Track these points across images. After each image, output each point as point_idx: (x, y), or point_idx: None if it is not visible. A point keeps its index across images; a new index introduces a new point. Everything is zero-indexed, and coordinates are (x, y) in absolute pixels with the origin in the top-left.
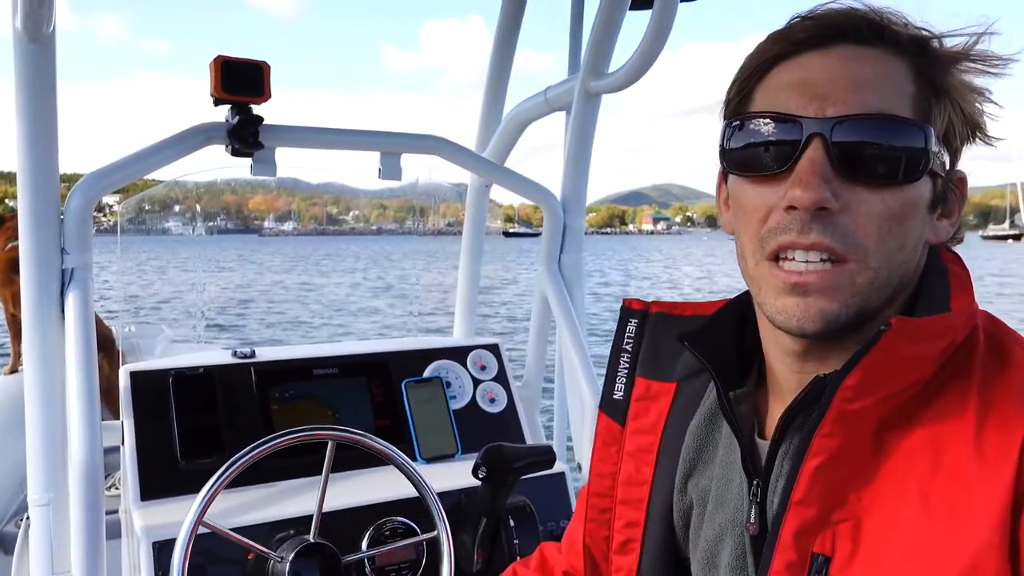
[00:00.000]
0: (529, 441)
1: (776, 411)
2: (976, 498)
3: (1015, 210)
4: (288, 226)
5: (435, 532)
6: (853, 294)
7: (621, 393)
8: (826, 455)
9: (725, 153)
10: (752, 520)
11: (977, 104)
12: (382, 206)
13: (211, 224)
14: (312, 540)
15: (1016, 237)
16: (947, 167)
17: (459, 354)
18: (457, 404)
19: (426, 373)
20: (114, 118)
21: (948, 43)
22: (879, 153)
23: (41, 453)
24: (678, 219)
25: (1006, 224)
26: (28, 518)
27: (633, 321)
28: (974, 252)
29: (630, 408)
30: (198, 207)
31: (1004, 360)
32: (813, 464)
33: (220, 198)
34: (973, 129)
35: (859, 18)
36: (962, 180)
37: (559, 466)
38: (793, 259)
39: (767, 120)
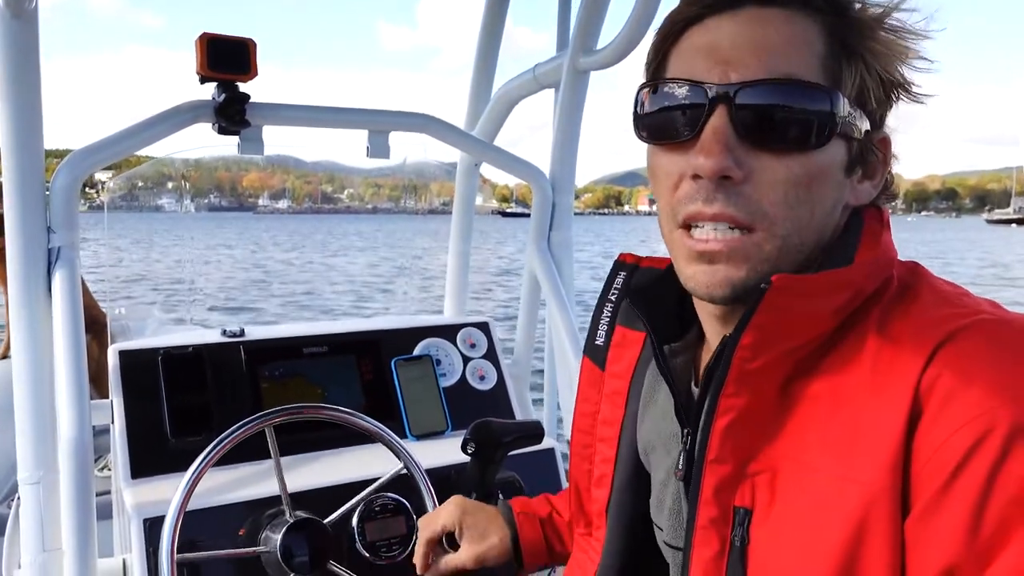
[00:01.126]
0: (519, 418)
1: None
2: (869, 441)
3: (1020, 193)
4: (283, 204)
5: (401, 466)
6: (761, 261)
7: (602, 339)
8: (734, 413)
9: (637, 120)
10: (680, 467)
11: (897, 65)
12: (377, 185)
13: (204, 201)
14: (290, 518)
15: (1020, 221)
16: (865, 129)
17: (449, 332)
18: (447, 382)
19: (416, 351)
20: (105, 91)
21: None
22: (783, 118)
23: (31, 431)
24: None
25: (1010, 208)
26: (19, 498)
27: (622, 274)
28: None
29: (608, 353)
30: (186, 184)
31: (907, 303)
32: (722, 424)
33: (213, 175)
34: (893, 90)
35: None
36: (884, 141)
37: (548, 442)
38: (702, 227)
39: (674, 86)
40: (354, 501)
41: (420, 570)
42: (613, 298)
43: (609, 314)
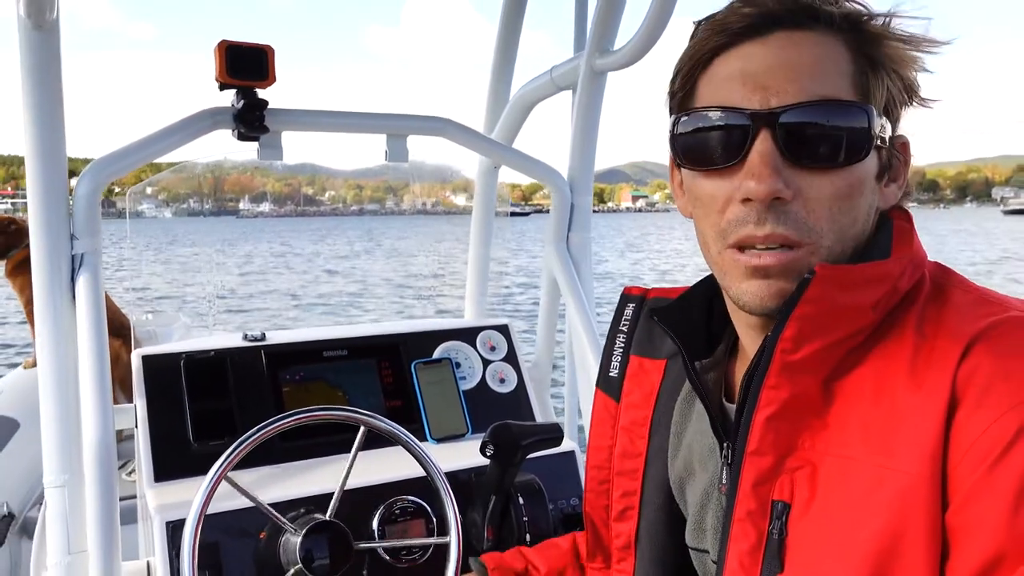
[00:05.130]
0: (540, 420)
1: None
2: (908, 431)
3: (1002, 183)
4: (265, 207)
5: (448, 538)
6: (809, 273)
7: (616, 371)
8: (775, 406)
9: (675, 147)
10: (724, 481)
11: (913, 70)
12: (358, 186)
13: (184, 207)
14: (328, 519)
15: None
16: (889, 135)
17: (469, 335)
18: (467, 385)
19: (436, 354)
20: (91, 99)
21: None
22: (824, 138)
23: (56, 436)
24: (657, 196)
25: (996, 196)
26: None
27: (631, 305)
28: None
29: (624, 384)
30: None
31: (943, 302)
32: (763, 416)
33: (193, 180)
34: (910, 95)
35: (793, 2)
36: (904, 145)
37: (569, 444)
38: (753, 247)
39: (714, 113)
40: (389, 544)
41: None
42: (624, 329)
43: (622, 345)
